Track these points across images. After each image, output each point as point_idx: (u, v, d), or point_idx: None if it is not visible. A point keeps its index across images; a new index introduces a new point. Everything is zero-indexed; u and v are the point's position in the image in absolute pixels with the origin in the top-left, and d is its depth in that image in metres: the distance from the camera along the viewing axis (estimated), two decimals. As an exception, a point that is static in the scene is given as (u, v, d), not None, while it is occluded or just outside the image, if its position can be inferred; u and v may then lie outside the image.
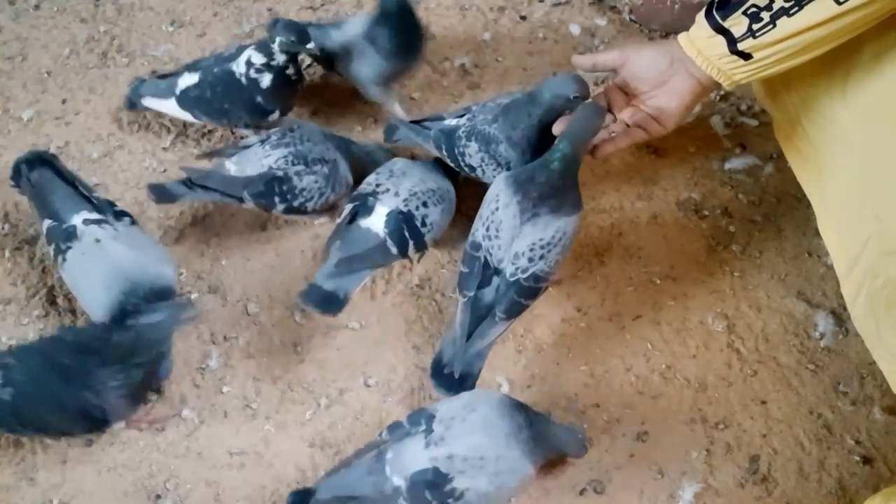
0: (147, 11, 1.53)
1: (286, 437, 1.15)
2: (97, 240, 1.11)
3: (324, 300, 1.14)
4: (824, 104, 1.10)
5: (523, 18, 1.55)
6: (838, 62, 1.06)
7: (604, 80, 1.44)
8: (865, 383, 1.21)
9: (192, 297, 1.23)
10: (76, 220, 1.13)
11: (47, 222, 1.15)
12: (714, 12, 1.03)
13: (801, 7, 0.97)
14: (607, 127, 1.15)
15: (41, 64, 1.47)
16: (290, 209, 1.22)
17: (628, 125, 1.15)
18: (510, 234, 1.07)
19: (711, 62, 1.06)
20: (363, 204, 1.18)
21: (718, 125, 1.44)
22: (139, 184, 1.33)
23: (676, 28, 1.22)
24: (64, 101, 1.43)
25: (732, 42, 1.03)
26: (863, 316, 1.05)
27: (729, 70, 1.06)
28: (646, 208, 1.35)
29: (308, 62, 1.46)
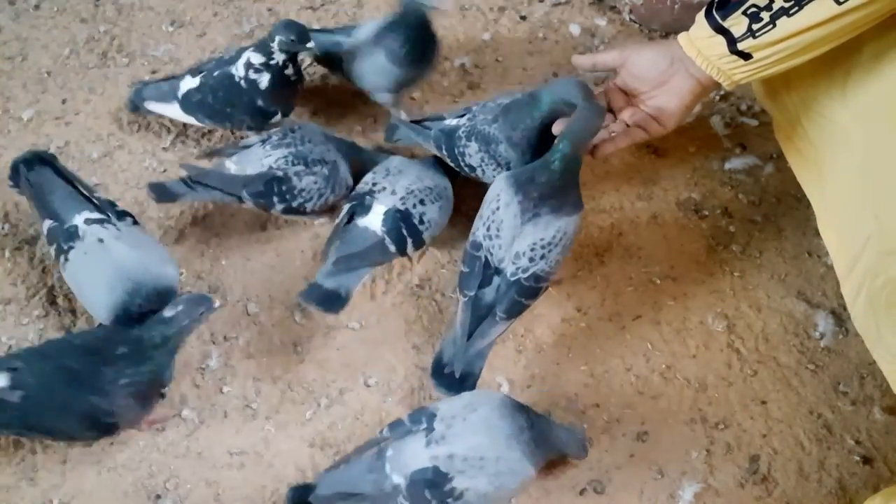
0: (147, 11, 1.53)
1: (286, 437, 1.15)
2: (100, 239, 1.10)
3: (325, 298, 1.15)
4: (824, 104, 1.10)
5: (523, 18, 1.55)
6: (838, 62, 1.06)
7: (604, 80, 1.44)
8: (865, 383, 1.21)
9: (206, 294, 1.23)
10: (77, 220, 1.12)
11: (48, 222, 1.15)
12: (714, 12, 1.03)
13: (801, 7, 0.97)
14: (607, 127, 1.15)
15: (41, 64, 1.47)
16: (289, 209, 1.22)
17: (628, 125, 1.15)
18: (511, 234, 1.07)
19: (711, 62, 1.06)
20: (360, 203, 1.19)
21: (718, 125, 1.44)
22: (139, 184, 1.33)
23: (676, 28, 1.21)
24: (64, 101, 1.43)
25: (732, 42, 1.03)
26: (863, 316, 1.05)
27: (729, 70, 1.06)
28: (646, 208, 1.35)
29: (308, 62, 1.46)
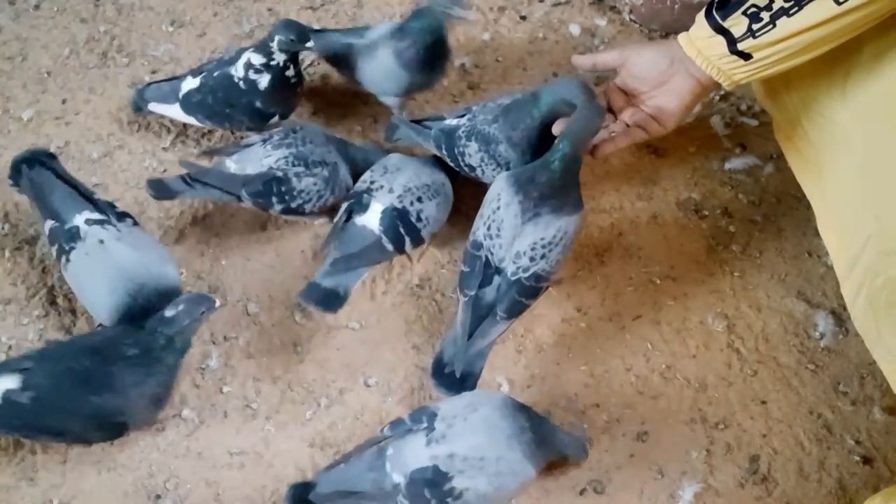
0: (147, 11, 1.53)
1: (286, 437, 1.15)
2: (101, 241, 1.10)
3: (324, 298, 1.15)
4: (824, 104, 1.10)
5: (523, 18, 1.55)
6: (838, 62, 1.06)
7: (604, 81, 1.44)
8: (865, 383, 1.21)
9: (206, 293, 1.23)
10: (78, 221, 1.12)
11: (49, 223, 1.15)
12: (714, 12, 1.03)
13: (801, 7, 0.97)
14: (607, 127, 1.15)
15: (41, 64, 1.47)
16: (288, 210, 1.22)
17: (628, 125, 1.15)
18: (511, 234, 1.07)
19: (711, 62, 1.06)
20: (358, 202, 1.19)
21: (718, 125, 1.44)
22: (139, 184, 1.33)
23: (676, 28, 1.21)
24: (64, 101, 1.43)
25: (732, 42, 1.03)
26: (863, 316, 1.05)
27: (729, 70, 1.06)
28: (646, 208, 1.35)
29: (308, 62, 1.46)
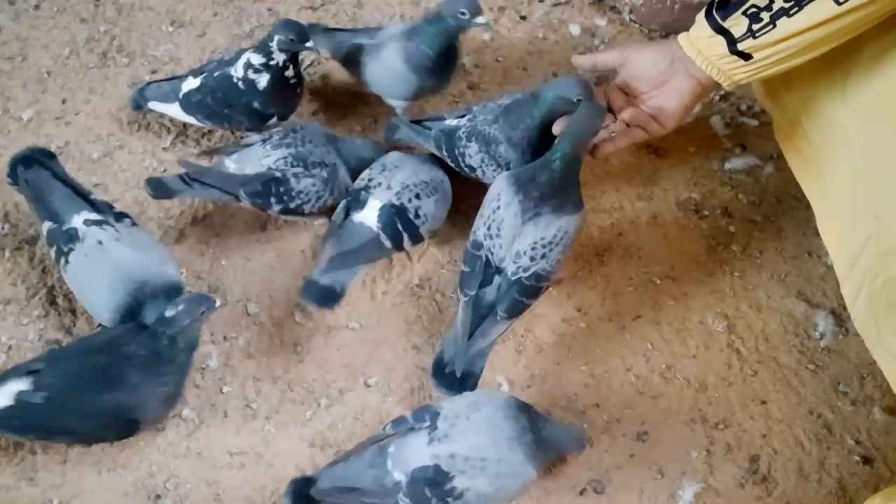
0: (147, 11, 1.53)
1: (286, 437, 1.15)
2: (99, 241, 1.10)
3: (322, 295, 1.15)
4: (824, 104, 1.10)
5: (523, 18, 1.55)
6: (838, 62, 1.06)
7: (604, 80, 1.44)
8: (865, 383, 1.21)
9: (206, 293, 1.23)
10: (76, 222, 1.12)
11: (47, 224, 1.14)
12: (714, 12, 1.03)
13: (801, 7, 0.97)
14: (607, 127, 1.15)
15: (41, 64, 1.47)
16: (287, 210, 1.22)
17: (628, 125, 1.15)
18: (512, 234, 1.07)
19: (711, 62, 1.06)
20: (356, 199, 1.19)
21: (718, 125, 1.44)
22: (139, 184, 1.33)
23: (676, 28, 1.22)
24: (64, 101, 1.43)
25: (732, 42, 1.03)
26: (863, 316, 1.05)
27: (729, 70, 1.06)
28: (646, 208, 1.35)
29: (308, 63, 1.46)
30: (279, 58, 1.24)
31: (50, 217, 1.14)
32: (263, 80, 1.25)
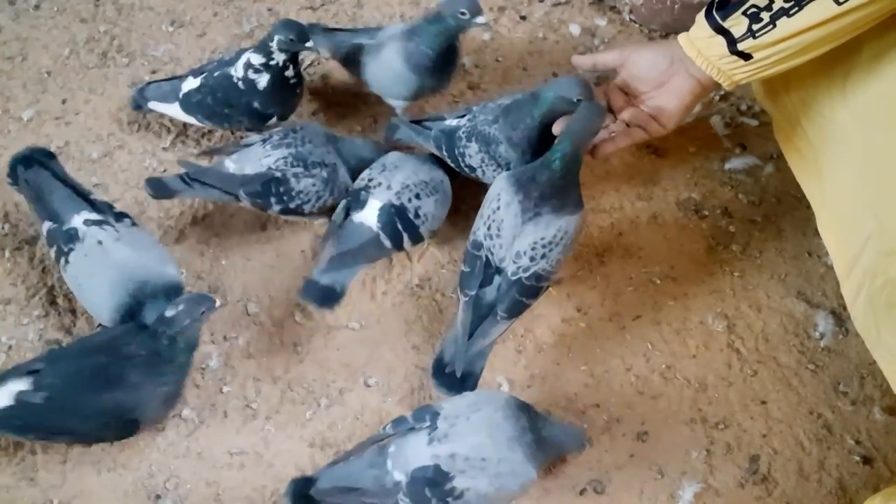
0: (147, 11, 1.53)
1: (286, 437, 1.15)
2: (99, 241, 1.10)
3: (322, 295, 1.15)
4: (824, 104, 1.10)
5: (523, 18, 1.55)
6: (838, 62, 1.06)
7: (604, 80, 1.44)
8: (865, 383, 1.21)
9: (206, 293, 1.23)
10: (76, 222, 1.12)
11: (47, 224, 1.14)
12: (714, 12, 1.03)
13: (801, 7, 0.97)
14: (607, 127, 1.15)
15: (41, 64, 1.47)
16: (287, 210, 1.22)
17: (628, 125, 1.15)
18: (512, 234, 1.07)
19: (711, 62, 1.06)
20: (356, 199, 1.19)
21: (718, 125, 1.44)
22: (139, 184, 1.33)
23: (676, 28, 1.22)
24: (64, 101, 1.43)
25: (732, 42, 1.03)
26: (863, 316, 1.05)
27: (729, 70, 1.06)
28: (646, 208, 1.35)
29: (308, 63, 1.46)
30: (279, 58, 1.24)
31: (50, 217, 1.14)
32: (263, 80, 1.25)
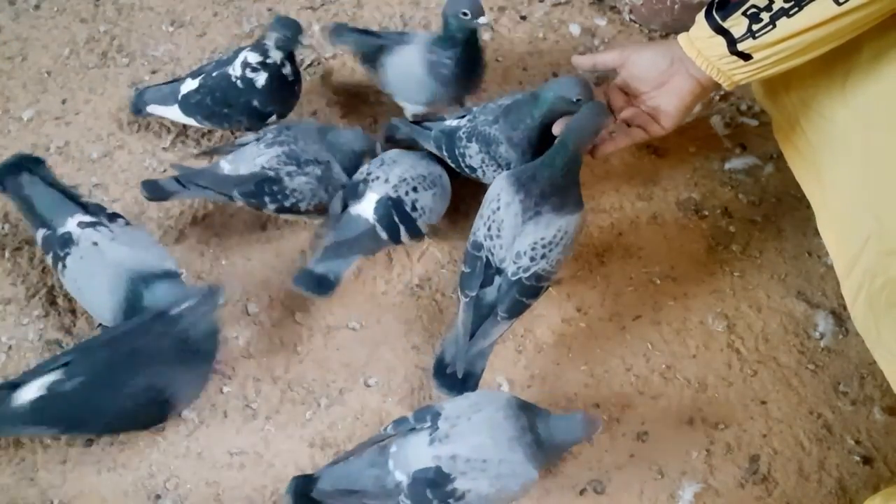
0: (147, 11, 1.53)
1: (286, 437, 1.15)
2: (94, 243, 1.11)
3: (316, 283, 1.16)
4: (824, 104, 1.10)
5: (523, 18, 1.55)
6: (838, 62, 1.06)
7: (604, 81, 1.44)
8: (865, 383, 1.21)
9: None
10: (70, 225, 1.12)
11: (41, 231, 1.15)
12: (714, 13, 1.03)
13: (801, 8, 0.97)
14: (607, 127, 1.15)
15: (41, 64, 1.47)
16: (282, 209, 1.22)
17: (628, 125, 1.15)
18: (512, 234, 1.07)
19: (711, 63, 1.06)
20: (353, 191, 1.19)
21: (718, 125, 1.44)
22: (139, 184, 1.33)
23: (676, 28, 1.22)
24: (64, 101, 1.43)
25: (732, 43, 1.03)
26: (863, 316, 1.05)
27: (729, 70, 1.06)
28: (646, 208, 1.35)
29: (308, 63, 1.46)
30: (276, 56, 1.24)
31: (43, 224, 1.15)
32: (262, 79, 1.26)
